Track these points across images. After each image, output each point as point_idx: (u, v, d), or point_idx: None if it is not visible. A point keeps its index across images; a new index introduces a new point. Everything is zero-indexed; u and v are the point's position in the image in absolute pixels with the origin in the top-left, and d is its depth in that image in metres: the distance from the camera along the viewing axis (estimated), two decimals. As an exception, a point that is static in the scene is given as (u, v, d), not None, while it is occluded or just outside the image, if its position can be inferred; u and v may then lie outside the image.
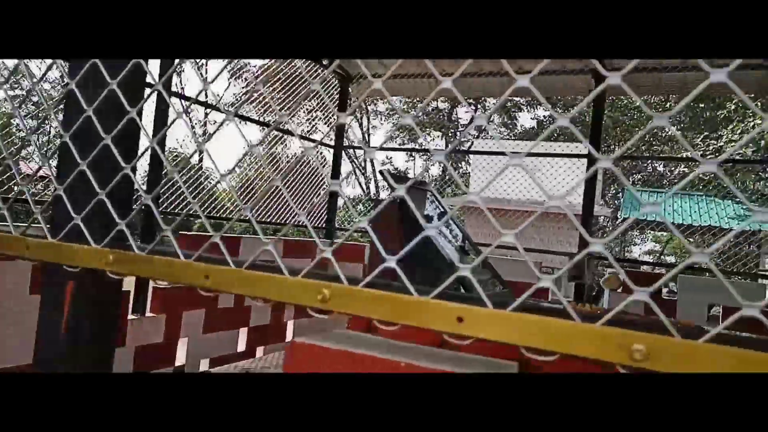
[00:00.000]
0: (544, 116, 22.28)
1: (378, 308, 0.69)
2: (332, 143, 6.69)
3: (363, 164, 22.70)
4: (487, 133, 22.88)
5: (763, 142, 12.49)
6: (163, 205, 5.15)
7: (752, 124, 12.72)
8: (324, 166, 6.89)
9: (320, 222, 6.67)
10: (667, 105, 17.50)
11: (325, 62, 6.17)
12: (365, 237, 7.01)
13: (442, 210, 4.26)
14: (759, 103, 12.57)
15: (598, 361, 0.57)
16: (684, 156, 15.72)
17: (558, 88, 6.19)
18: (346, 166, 23.54)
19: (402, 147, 23.47)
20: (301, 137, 7.16)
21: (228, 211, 6.47)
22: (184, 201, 5.44)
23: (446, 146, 23.47)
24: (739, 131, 13.17)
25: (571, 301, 5.52)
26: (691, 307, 4.63)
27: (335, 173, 6.54)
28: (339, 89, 6.54)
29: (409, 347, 0.79)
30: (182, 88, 21.60)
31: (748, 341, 0.56)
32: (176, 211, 5.19)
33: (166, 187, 5.07)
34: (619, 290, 5.20)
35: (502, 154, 8.16)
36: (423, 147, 23.96)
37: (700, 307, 4.67)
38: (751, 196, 13.87)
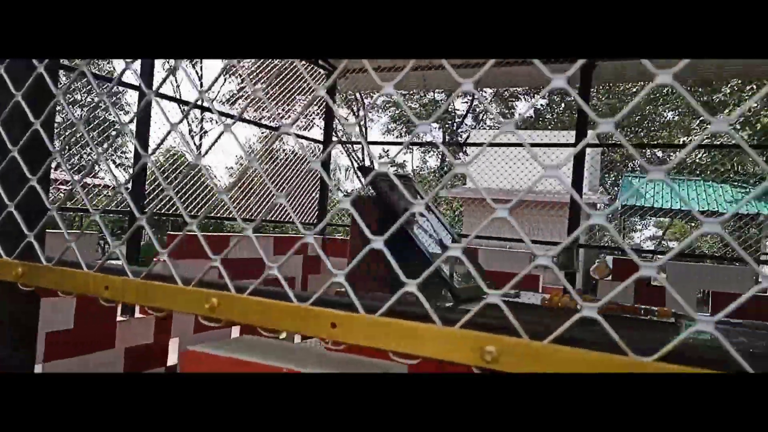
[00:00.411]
0: (541, 105, 22.22)
1: (261, 315, 0.70)
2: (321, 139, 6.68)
3: (362, 158, 22.70)
4: (485, 124, 22.85)
5: (759, 125, 12.44)
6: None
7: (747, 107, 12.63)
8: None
9: (312, 218, 6.69)
10: (665, 90, 17.43)
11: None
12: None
13: (428, 207, 4.25)
14: (755, 86, 12.52)
15: (454, 363, 0.58)
16: (677, 142, 15.68)
17: (546, 79, 6.22)
18: (344, 161, 23.55)
19: (395, 141, 23.46)
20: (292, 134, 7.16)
21: (227, 210, 6.48)
22: (184, 200, 5.42)
23: (444, 137, 23.45)
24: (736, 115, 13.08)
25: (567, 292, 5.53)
26: (680, 293, 4.66)
27: (325, 168, 6.55)
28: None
29: (314, 353, 0.79)
30: (177, 86, 21.65)
31: (588, 342, 0.56)
32: (165, 211, 5.20)
33: (151, 186, 5.06)
34: (609, 278, 5.22)
35: (500, 145, 8.17)
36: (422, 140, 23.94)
37: (688, 293, 4.68)
38: (748, 179, 13.81)
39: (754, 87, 12.40)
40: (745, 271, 5.36)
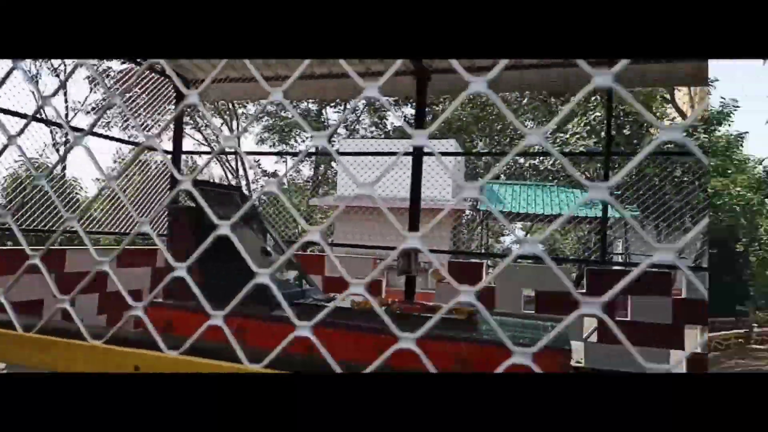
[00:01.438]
0: (411, 114, 22.89)
1: None
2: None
3: (235, 168, 22.27)
4: (357, 133, 23.19)
5: (603, 134, 13.57)
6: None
7: (593, 116, 13.84)
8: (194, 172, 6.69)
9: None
10: (523, 102, 18.58)
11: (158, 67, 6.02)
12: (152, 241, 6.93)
13: (254, 212, 4.25)
14: (598, 97, 13.59)
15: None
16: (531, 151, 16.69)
17: (386, 90, 6.47)
18: (217, 170, 22.96)
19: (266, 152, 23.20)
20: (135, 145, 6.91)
21: (99, 223, 6.18)
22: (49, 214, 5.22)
23: (316, 147, 23.43)
24: (583, 124, 14.25)
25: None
26: (507, 294, 4.89)
27: (173, 180, 6.38)
28: (175, 96, 6.40)
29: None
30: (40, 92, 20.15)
31: (209, 350, 0.62)
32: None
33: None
34: (445, 281, 5.47)
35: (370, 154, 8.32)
36: (289, 150, 23.85)
37: (515, 293, 4.94)
38: (593, 180, 14.93)
39: (598, 98, 13.58)
40: (565, 270, 5.80)
